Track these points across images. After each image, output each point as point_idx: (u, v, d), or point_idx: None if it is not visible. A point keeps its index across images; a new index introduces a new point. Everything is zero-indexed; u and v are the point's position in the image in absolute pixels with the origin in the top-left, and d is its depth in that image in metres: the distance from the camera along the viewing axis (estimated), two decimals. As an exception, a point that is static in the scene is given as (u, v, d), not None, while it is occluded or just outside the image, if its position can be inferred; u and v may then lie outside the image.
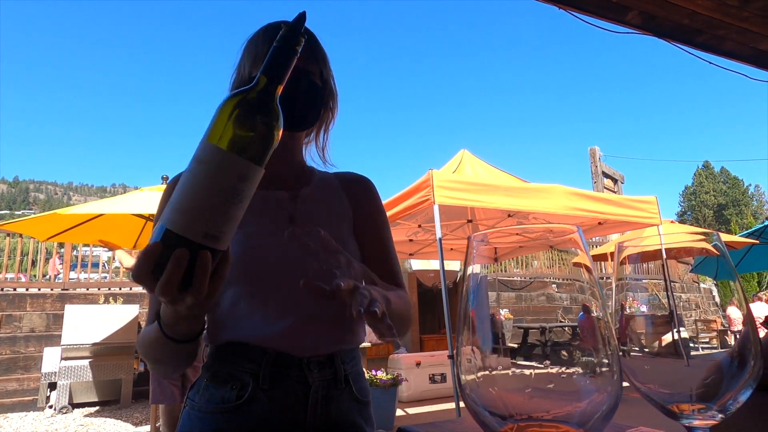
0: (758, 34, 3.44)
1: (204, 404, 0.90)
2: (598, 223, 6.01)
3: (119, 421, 5.66)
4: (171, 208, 0.55)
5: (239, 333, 0.92)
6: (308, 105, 0.99)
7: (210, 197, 0.54)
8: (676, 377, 0.40)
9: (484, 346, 0.38)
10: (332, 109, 1.08)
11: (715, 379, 0.38)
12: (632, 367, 0.40)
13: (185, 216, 0.54)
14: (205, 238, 0.54)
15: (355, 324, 1.01)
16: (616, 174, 15.87)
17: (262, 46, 0.97)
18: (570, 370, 0.34)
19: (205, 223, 0.54)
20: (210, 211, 0.54)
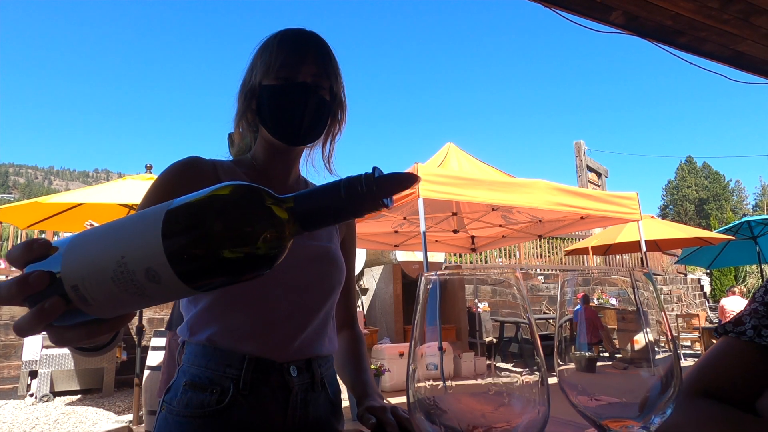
0: (737, 36, 3.51)
1: (182, 408, 0.91)
2: (581, 218, 6.10)
3: (101, 409, 5.65)
4: (86, 235, 0.45)
5: (221, 335, 0.93)
6: (315, 121, 0.99)
7: (105, 259, 0.42)
8: (609, 392, 0.43)
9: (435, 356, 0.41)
10: (340, 121, 1.09)
11: (642, 398, 0.41)
12: (570, 382, 0.44)
13: (78, 252, 0.44)
14: (73, 290, 0.43)
15: (332, 332, 1.05)
16: (600, 168, 16.05)
17: (276, 56, 0.96)
18: (512, 383, 0.37)
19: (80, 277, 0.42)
20: (94, 271, 0.42)
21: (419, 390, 0.39)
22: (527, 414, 0.36)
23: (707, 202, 57.66)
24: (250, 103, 1.00)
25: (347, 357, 1.14)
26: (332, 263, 1.05)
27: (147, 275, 0.41)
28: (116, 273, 0.41)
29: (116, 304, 0.43)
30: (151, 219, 0.42)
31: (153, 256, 0.41)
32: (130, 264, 0.41)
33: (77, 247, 0.44)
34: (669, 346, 0.43)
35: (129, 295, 0.42)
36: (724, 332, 0.72)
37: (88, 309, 0.44)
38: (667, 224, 8.44)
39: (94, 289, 0.42)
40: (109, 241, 0.43)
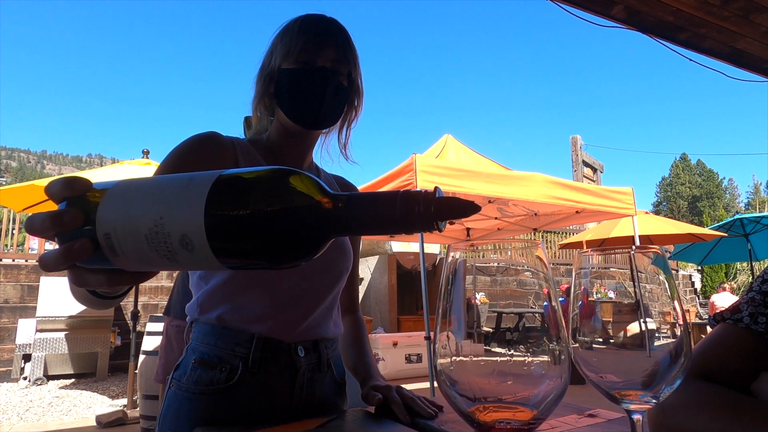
0: (737, 34, 3.52)
1: (192, 385, 0.92)
2: (576, 212, 6.14)
3: (95, 393, 5.67)
4: (128, 184, 0.45)
5: (231, 314, 0.95)
6: (332, 106, 1.00)
7: (143, 214, 0.41)
8: (620, 368, 0.45)
9: (458, 334, 0.43)
10: (357, 108, 1.10)
11: (652, 370, 0.43)
12: (584, 357, 0.46)
13: (117, 200, 0.43)
14: (105, 238, 0.43)
15: (337, 317, 1.08)
16: (596, 163, 16.11)
17: (296, 40, 0.97)
18: (530, 359, 0.39)
19: (114, 227, 0.42)
20: (129, 223, 0.42)
21: (441, 362, 0.40)
22: (544, 385, 0.37)
23: (700, 199, 58.05)
24: (269, 86, 1.01)
25: (349, 341, 1.16)
26: (342, 250, 1.07)
27: (181, 242, 0.40)
28: (151, 232, 0.41)
29: (143, 261, 0.43)
30: (199, 186, 0.41)
31: (192, 224, 0.40)
32: (167, 226, 0.41)
33: (118, 195, 0.44)
34: (673, 331, 0.45)
35: (158, 255, 0.42)
36: (721, 319, 0.74)
37: (114, 259, 0.44)
38: (660, 220, 8.51)
39: (126, 242, 0.42)
40: (152, 198, 0.42)
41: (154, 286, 7.97)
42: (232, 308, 0.95)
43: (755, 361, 0.69)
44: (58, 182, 0.46)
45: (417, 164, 4.36)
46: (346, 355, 1.14)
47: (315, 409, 0.99)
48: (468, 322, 0.45)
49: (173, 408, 0.93)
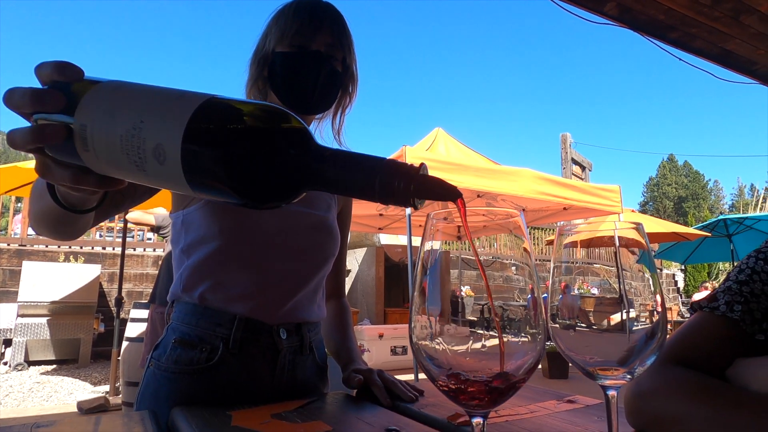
0: (727, 35, 3.56)
1: (171, 365, 0.92)
2: (563, 208, 6.19)
3: (77, 380, 5.62)
4: (119, 83, 0.44)
5: (213, 292, 0.94)
6: (326, 91, 1.00)
7: (125, 114, 0.40)
8: (598, 347, 0.46)
9: (438, 314, 0.43)
10: (351, 94, 1.09)
11: (629, 348, 0.44)
12: (561, 336, 0.46)
13: (103, 95, 0.42)
14: (81, 128, 0.42)
15: (321, 300, 1.07)
16: (585, 161, 16.23)
17: (291, 23, 0.96)
18: (507, 338, 0.39)
19: (92, 119, 0.41)
20: (109, 120, 0.41)
21: (418, 344, 0.40)
22: (519, 360, 0.38)
23: (686, 200, 58.83)
24: (263, 69, 1.00)
25: (334, 325, 1.16)
26: (329, 233, 1.06)
27: (155, 151, 0.39)
28: (128, 133, 0.40)
29: (111, 163, 0.42)
30: (188, 101, 0.40)
31: (170, 135, 0.39)
32: (145, 131, 0.40)
33: (108, 91, 0.43)
34: (651, 318, 0.45)
35: (128, 160, 0.41)
36: (698, 308, 0.75)
37: (83, 154, 0.43)
38: (646, 218, 8.61)
39: (100, 137, 0.41)
40: (139, 101, 0.41)
41: (138, 273, 7.90)
42: (215, 286, 0.94)
43: (731, 348, 0.70)
44: (49, 64, 0.45)
45: (407, 156, 4.36)
46: (328, 339, 1.14)
47: (296, 391, 0.98)
48: (453, 312, 0.45)
49: (152, 387, 0.92)
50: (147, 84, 0.44)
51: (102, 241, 8.39)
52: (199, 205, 0.95)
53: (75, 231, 0.71)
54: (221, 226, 0.93)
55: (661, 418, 0.65)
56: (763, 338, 0.71)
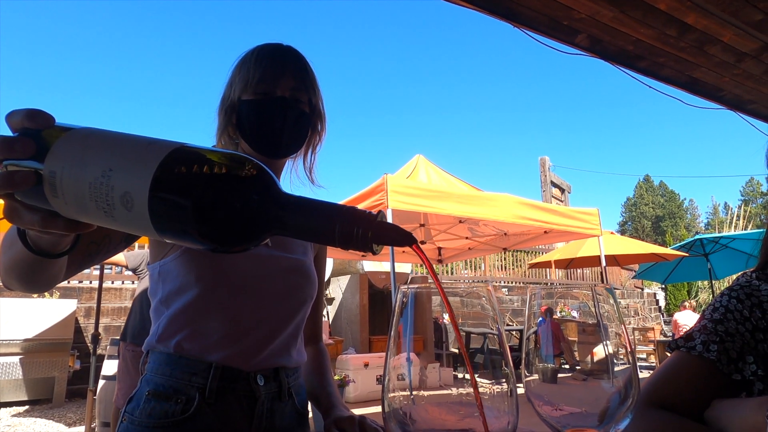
0: (693, 63, 3.70)
1: (145, 418, 0.89)
2: (544, 232, 6.26)
3: (51, 421, 5.40)
4: (90, 131, 0.44)
5: (190, 340, 0.92)
6: (295, 134, 1.01)
7: (92, 163, 0.41)
8: (573, 401, 0.46)
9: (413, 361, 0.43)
10: (320, 132, 1.10)
11: (603, 407, 0.44)
12: (536, 393, 0.46)
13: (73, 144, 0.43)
14: (50, 175, 0.43)
15: (300, 345, 1.06)
16: (564, 184, 16.52)
17: (254, 71, 0.97)
18: (489, 391, 0.39)
19: (61, 166, 0.42)
20: (77, 168, 0.41)
21: (393, 400, 0.40)
22: (496, 424, 0.37)
23: (663, 219, 60.04)
24: (231, 117, 1.01)
25: (311, 370, 1.14)
26: (306, 277, 1.06)
27: (123, 198, 0.40)
28: (96, 181, 0.41)
29: (80, 209, 0.43)
30: (157, 149, 0.41)
31: (138, 183, 0.40)
32: (113, 179, 0.41)
33: (78, 139, 0.44)
34: (628, 358, 0.46)
35: (96, 207, 0.42)
36: (676, 347, 0.76)
37: (52, 200, 0.44)
38: (625, 240, 8.75)
39: (68, 185, 0.42)
40: (108, 149, 0.42)
41: (116, 307, 7.70)
42: (192, 334, 0.93)
43: (708, 388, 0.71)
44: (20, 112, 0.45)
45: (388, 184, 4.38)
46: (307, 384, 1.12)
47: (275, 440, 0.96)
48: (436, 341, 0.45)
49: None
50: (119, 132, 0.45)
51: (78, 275, 8.18)
52: (175, 255, 0.94)
53: (47, 279, 0.69)
54: (197, 274, 0.92)
55: None
56: (739, 378, 0.72)
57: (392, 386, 0.42)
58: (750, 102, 4.28)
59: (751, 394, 0.70)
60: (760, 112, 4.49)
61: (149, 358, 0.96)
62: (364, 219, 0.39)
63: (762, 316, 0.74)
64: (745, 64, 3.71)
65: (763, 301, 0.76)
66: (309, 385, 1.12)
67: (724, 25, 3.19)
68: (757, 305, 0.75)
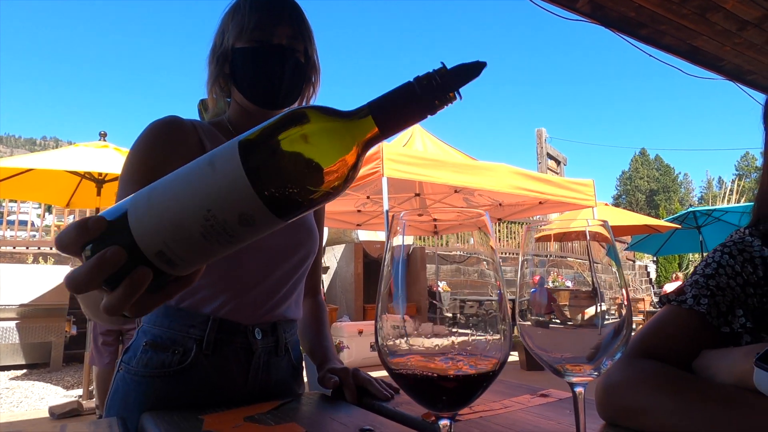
0: (694, 32, 3.64)
1: (141, 368, 0.90)
2: (539, 203, 6.26)
3: (49, 384, 5.47)
4: (146, 199, 0.42)
5: (189, 294, 0.92)
6: (292, 85, 0.98)
7: (189, 217, 0.40)
8: (566, 344, 0.46)
9: (407, 311, 0.43)
10: (314, 84, 1.07)
11: (597, 344, 0.44)
12: (530, 333, 0.46)
13: (149, 219, 0.41)
14: (157, 256, 0.41)
15: (299, 299, 1.06)
16: (560, 156, 16.48)
17: (249, 18, 0.93)
18: (475, 338, 0.39)
19: (163, 242, 0.40)
20: (179, 232, 0.40)
21: (386, 339, 0.40)
22: (485, 363, 0.37)
23: (657, 193, 60.26)
24: (223, 67, 0.98)
25: (309, 324, 1.15)
26: (308, 232, 1.05)
27: (241, 221, 0.40)
28: (206, 227, 0.40)
29: (207, 257, 0.42)
30: (227, 162, 0.40)
31: (245, 201, 0.39)
32: (219, 215, 0.39)
33: (146, 213, 0.41)
34: (621, 311, 0.46)
35: (219, 245, 0.41)
36: (667, 301, 0.77)
37: (174, 270, 0.42)
38: (619, 211, 8.79)
39: (182, 249, 0.41)
40: (186, 199, 0.40)
41: (112, 273, 7.72)
42: (193, 289, 0.92)
43: (697, 340, 0.72)
44: (68, 231, 0.42)
45: (384, 153, 4.35)
46: (304, 338, 1.13)
47: (270, 392, 0.97)
48: (431, 308, 0.45)
49: (121, 392, 0.90)
50: (165, 179, 0.43)
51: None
52: None
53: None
54: None
55: (629, 410, 0.66)
56: (728, 330, 0.73)
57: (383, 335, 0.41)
58: (750, 72, 4.23)
59: (739, 345, 0.71)
60: (759, 83, 4.45)
61: None
62: (434, 72, 0.40)
63: (753, 270, 0.75)
64: (747, 32, 3.65)
65: (755, 256, 0.76)
66: (305, 338, 1.13)
67: (728, -9, 3.13)
68: (749, 260, 0.76)
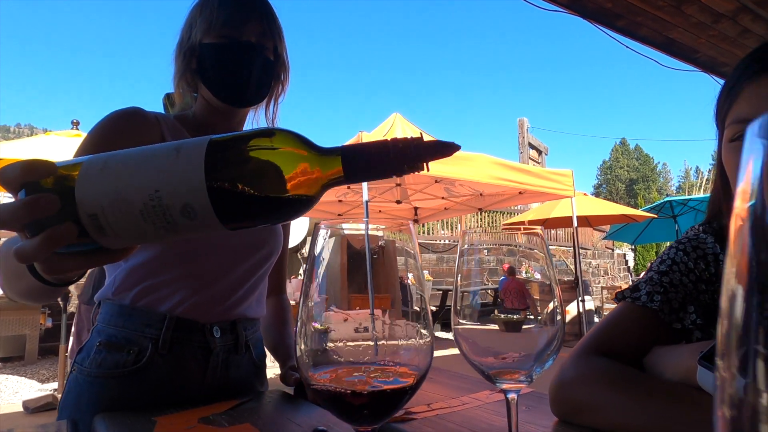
0: (670, 23, 3.67)
1: (95, 369, 0.88)
2: (519, 192, 6.31)
3: (23, 378, 5.38)
4: (102, 161, 0.41)
5: (147, 292, 0.91)
6: (260, 83, 0.97)
7: (136, 191, 0.39)
8: (499, 349, 0.46)
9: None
10: (283, 82, 1.07)
11: (527, 351, 0.44)
12: (465, 336, 0.46)
13: (97, 180, 0.40)
14: (90, 219, 0.40)
15: (261, 297, 1.05)
16: (541, 146, 16.61)
17: (218, 14, 0.92)
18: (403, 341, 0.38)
19: (101, 206, 0.39)
20: (120, 202, 0.39)
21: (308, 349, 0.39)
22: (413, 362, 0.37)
23: (637, 182, 61.22)
24: (190, 62, 0.96)
25: (273, 322, 1.14)
26: (272, 232, 1.04)
27: (183, 211, 0.40)
28: (146, 206, 0.39)
29: (137, 237, 0.42)
30: (191, 153, 0.40)
31: (194, 192, 0.39)
32: (165, 198, 0.39)
33: (98, 173, 0.41)
34: (557, 307, 0.46)
35: (155, 228, 0.41)
36: (622, 298, 0.77)
37: (101, 239, 0.42)
38: (597, 201, 8.90)
39: (117, 220, 0.40)
40: (140, 173, 0.40)
41: (88, 265, 7.58)
42: (150, 286, 0.90)
43: (650, 337, 0.73)
44: (14, 167, 0.41)
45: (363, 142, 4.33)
46: (267, 336, 1.12)
47: (230, 391, 0.96)
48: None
49: (74, 393, 0.88)
50: (131, 151, 0.43)
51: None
52: None
53: (56, 295, 0.69)
54: None
55: (581, 407, 0.66)
56: (680, 326, 0.73)
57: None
58: (723, 65, 4.29)
59: (690, 342, 0.72)
60: (733, 75, 4.52)
61: (101, 309, 0.94)
62: (410, 143, 0.41)
63: (705, 267, 0.76)
64: (721, 25, 3.70)
65: (708, 253, 0.77)
66: (268, 336, 1.12)
67: (703, -17, 3.16)
68: (702, 257, 0.77)
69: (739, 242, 0.14)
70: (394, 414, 0.38)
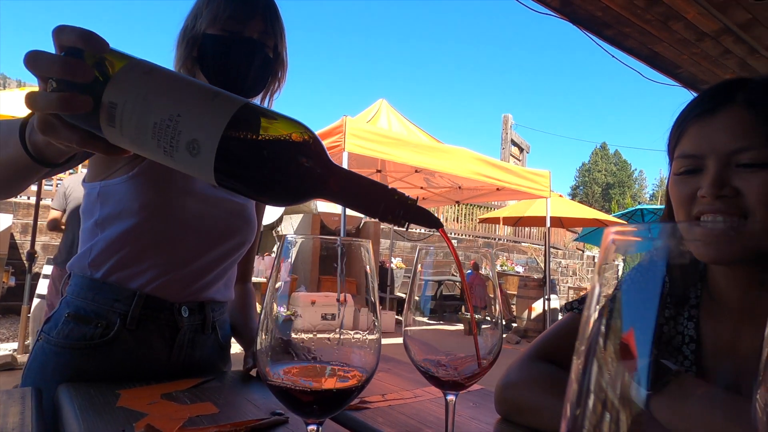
0: (656, 37, 3.76)
1: (61, 339, 0.90)
2: (497, 189, 6.40)
3: (-18, 335, 5.28)
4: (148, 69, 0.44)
5: (119, 267, 0.92)
6: (257, 78, 1.00)
7: (162, 105, 0.42)
8: (440, 349, 0.50)
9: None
10: (280, 79, 1.09)
11: (467, 356, 0.48)
12: (413, 337, 0.50)
13: (134, 79, 0.43)
14: (109, 105, 0.43)
15: (230, 282, 1.08)
16: (524, 143, 16.79)
17: (224, 7, 0.93)
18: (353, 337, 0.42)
19: (125, 100, 0.42)
20: (143, 105, 0.42)
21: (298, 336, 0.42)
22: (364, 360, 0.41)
23: (613, 186, 62.40)
24: (192, 50, 0.98)
25: (238, 308, 1.18)
26: (247, 221, 1.07)
27: (189, 144, 0.42)
28: (162, 123, 0.42)
29: (135, 143, 0.43)
30: (225, 104, 0.42)
31: (208, 134, 0.41)
32: (182, 125, 0.42)
33: (141, 73, 0.43)
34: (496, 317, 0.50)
35: (157, 145, 0.42)
36: (570, 309, 0.83)
37: (106, 128, 0.44)
38: (572, 203, 9.10)
39: (130, 120, 0.42)
40: (175, 93, 0.43)
41: (57, 225, 7.41)
42: (124, 261, 0.92)
43: None
44: (72, 30, 0.43)
45: (347, 127, 4.32)
46: (232, 320, 1.15)
47: (194, 369, 0.99)
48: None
49: (39, 361, 0.90)
50: (180, 74, 0.46)
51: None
52: (123, 179, 0.92)
53: (25, 185, 0.67)
54: (143, 202, 0.91)
55: (521, 408, 0.72)
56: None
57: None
58: (703, 82, 4.41)
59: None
60: (711, 93, 4.65)
61: (71, 281, 0.96)
62: (404, 202, 0.44)
63: None
64: (705, 44, 3.79)
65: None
66: (233, 321, 1.15)
67: (690, 2, 3.23)
68: None
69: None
70: (341, 410, 0.42)
